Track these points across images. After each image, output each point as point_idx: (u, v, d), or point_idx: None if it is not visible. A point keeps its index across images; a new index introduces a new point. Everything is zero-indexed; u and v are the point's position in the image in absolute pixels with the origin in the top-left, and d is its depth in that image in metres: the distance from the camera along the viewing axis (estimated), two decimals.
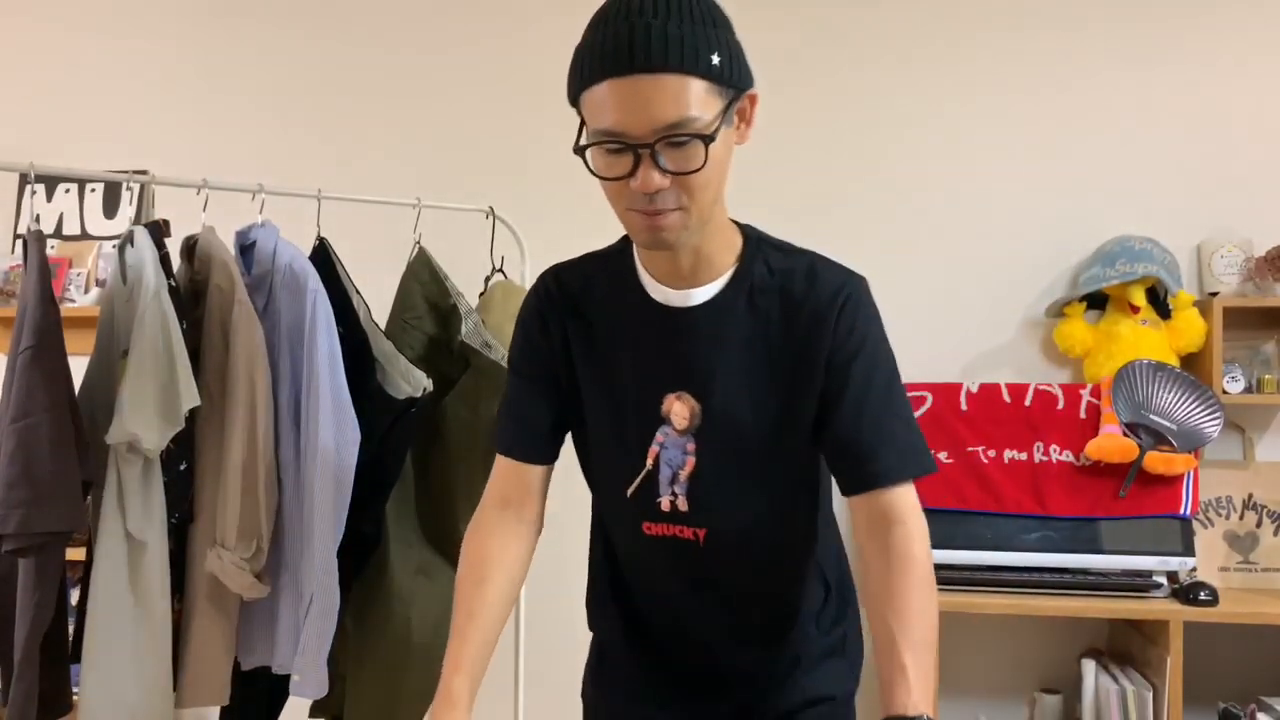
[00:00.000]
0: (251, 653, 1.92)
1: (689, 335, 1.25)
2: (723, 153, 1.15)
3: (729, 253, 1.26)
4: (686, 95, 1.09)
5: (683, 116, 1.09)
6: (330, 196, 2.16)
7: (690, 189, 1.13)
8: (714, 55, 1.11)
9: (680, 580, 1.33)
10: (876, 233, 2.62)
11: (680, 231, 1.16)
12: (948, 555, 2.33)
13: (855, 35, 2.68)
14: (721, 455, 1.25)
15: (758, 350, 1.24)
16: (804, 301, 1.23)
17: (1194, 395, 2.34)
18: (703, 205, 1.16)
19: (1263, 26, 2.54)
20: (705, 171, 1.12)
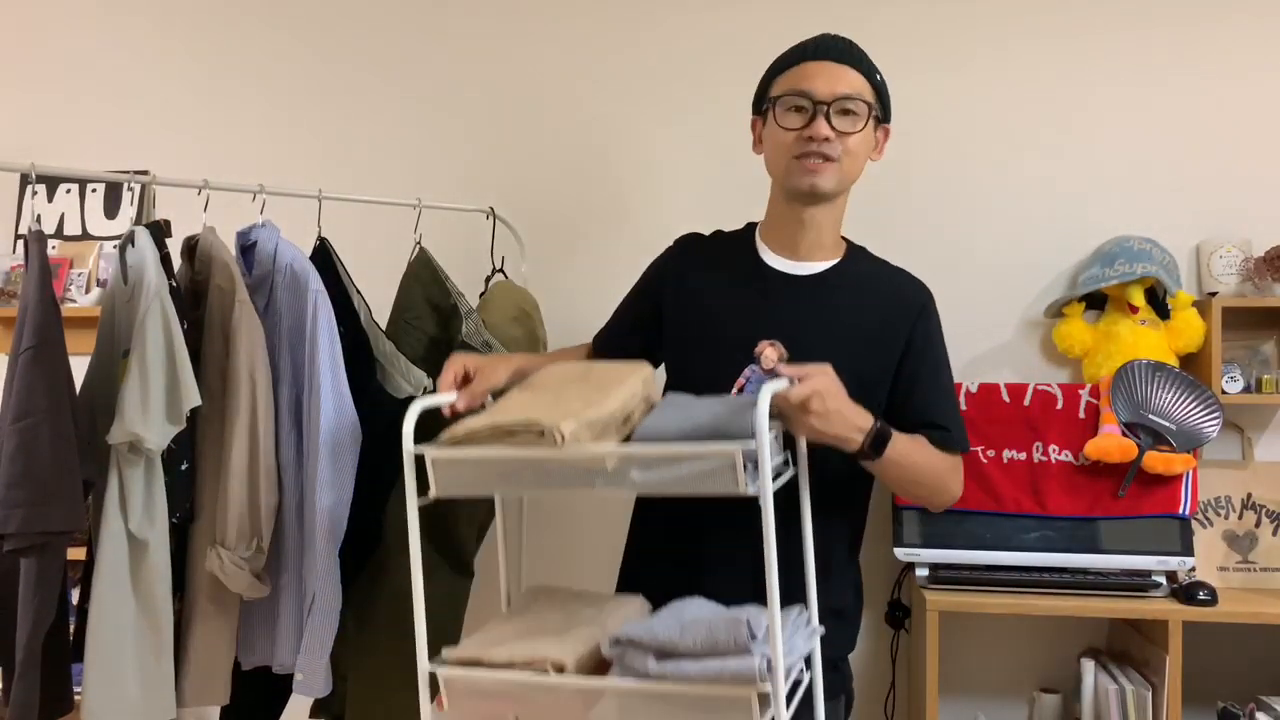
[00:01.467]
0: (252, 652, 1.93)
1: (792, 296, 1.61)
2: (868, 142, 1.62)
3: (838, 248, 1.68)
4: (859, 83, 1.60)
5: (855, 91, 1.59)
6: (330, 196, 2.17)
7: (847, 147, 1.58)
8: (877, 75, 1.65)
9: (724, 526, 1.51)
10: (876, 233, 2.61)
11: (830, 179, 1.58)
12: (948, 555, 2.34)
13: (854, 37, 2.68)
14: None
15: (847, 323, 1.58)
16: (892, 298, 1.63)
17: (1193, 395, 2.34)
18: (851, 168, 1.60)
19: (1262, 28, 2.54)
20: (858, 139, 1.58)
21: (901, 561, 2.44)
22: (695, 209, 2.48)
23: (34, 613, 1.62)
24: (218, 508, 1.82)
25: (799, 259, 1.65)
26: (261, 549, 1.83)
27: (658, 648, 1.27)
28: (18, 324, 1.66)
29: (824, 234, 1.65)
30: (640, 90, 2.49)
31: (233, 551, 1.80)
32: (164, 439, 1.71)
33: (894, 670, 2.57)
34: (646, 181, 2.68)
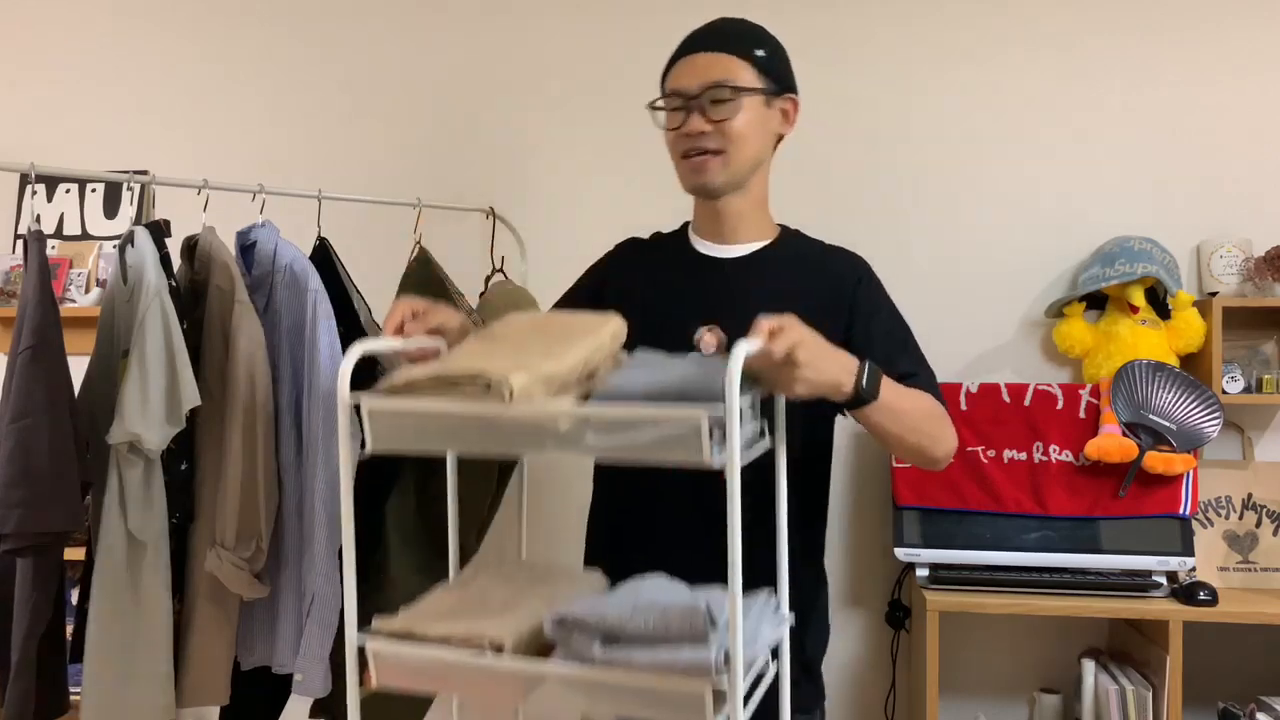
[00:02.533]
0: (251, 652, 1.93)
1: (725, 279, 1.57)
2: (759, 122, 1.54)
3: (768, 229, 1.63)
4: (729, 67, 1.52)
5: (723, 77, 1.51)
6: (330, 196, 2.17)
7: (727, 135, 1.52)
8: (759, 50, 1.54)
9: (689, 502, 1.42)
10: (876, 233, 2.62)
11: (717, 173, 1.53)
12: (948, 555, 2.34)
13: (855, 38, 2.68)
14: None
15: (783, 297, 1.48)
16: (827, 271, 1.58)
17: (1193, 395, 2.34)
18: (739, 155, 1.54)
19: (1262, 28, 2.54)
20: (739, 123, 1.51)
21: (901, 561, 2.43)
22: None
23: (30, 613, 1.61)
24: (217, 508, 1.82)
25: (729, 243, 1.61)
26: (261, 549, 1.83)
27: (605, 631, 1.12)
28: (17, 324, 1.66)
29: (746, 219, 1.60)
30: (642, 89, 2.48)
31: (232, 552, 1.80)
32: (163, 439, 1.71)
33: (894, 670, 2.57)
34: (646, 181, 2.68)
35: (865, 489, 2.62)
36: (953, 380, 2.51)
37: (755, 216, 1.61)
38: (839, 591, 2.62)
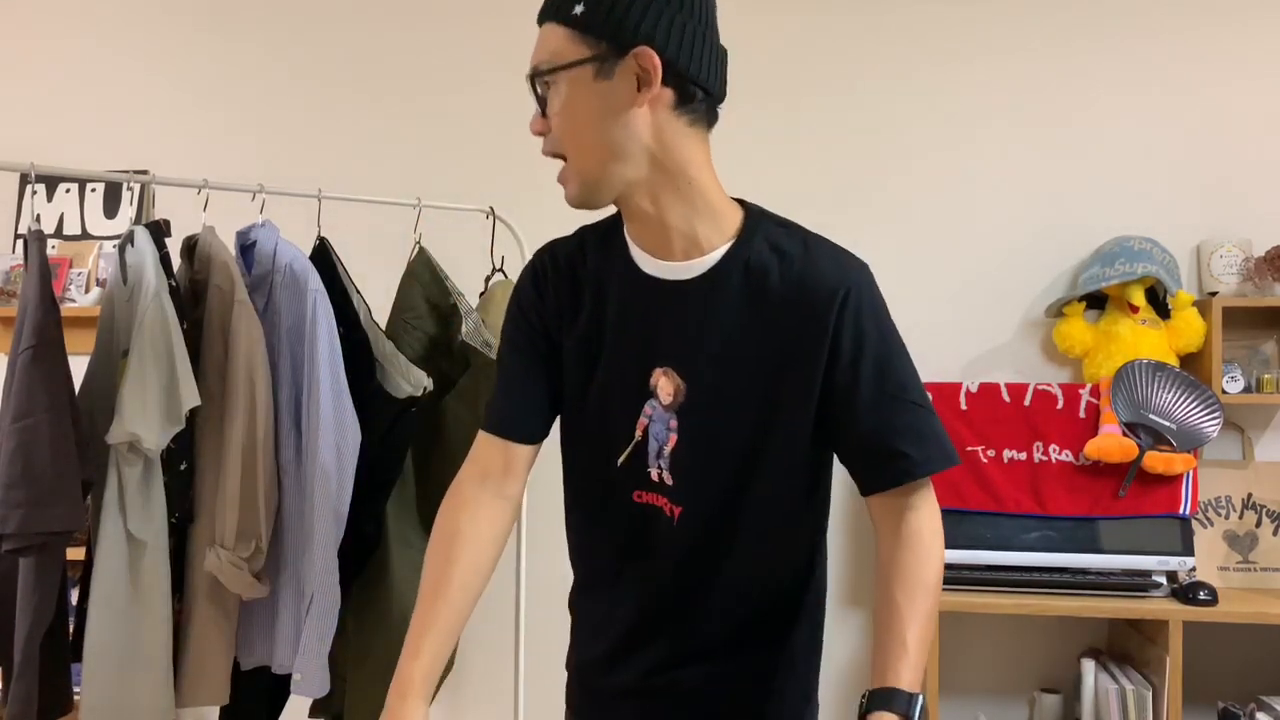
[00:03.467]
0: (251, 652, 1.93)
1: (678, 310, 1.22)
2: (588, 104, 1.15)
3: (719, 230, 1.21)
4: (548, 42, 1.16)
5: (546, 56, 1.16)
6: (330, 196, 2.17)
7: (557, 133, 1.18)
8: (577, 7, 1.14)
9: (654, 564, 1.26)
10: (876, 233, 2.62)
11: (572, 184, 1.20)
12: (948, 555, 2.32)
13: (855, 37, 2.68)
14: (701, 435, 1.21)
15: (750, 332, 1.20)
16: (803, 291, 1.19)
17: (1193, 395, 2.34)
18: (580, 155, 1.18)
19: (1262, 27, 2.54)
20: (565, 117, 1.16)
21: None
22: None
23: (33, 612, 1.61)
24: (217, 508, 1.82)
25: (674, 259, 1.21)
26: (261, 549, 1.83)
27: None
28: (17, 323, 1.66)
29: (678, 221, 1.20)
30: None
31: (232, 552, 1.80)
32: (163, 439, 1.71)
33: None
34: None
35: None
36: (953, 380, 2.52)
37: (693, 214, 1.20)
38: (839, 591, 2.62)
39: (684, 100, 1.16)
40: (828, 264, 1.21)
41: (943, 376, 2.55)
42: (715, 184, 1.22)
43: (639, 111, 1.14)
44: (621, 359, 1.24)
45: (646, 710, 1.30)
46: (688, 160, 1.18)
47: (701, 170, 1.20)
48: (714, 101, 1.20)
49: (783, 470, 1.23)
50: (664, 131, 1.16)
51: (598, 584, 1.33)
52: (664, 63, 1.13)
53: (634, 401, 1.23)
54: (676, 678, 1.28)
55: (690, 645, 1.28)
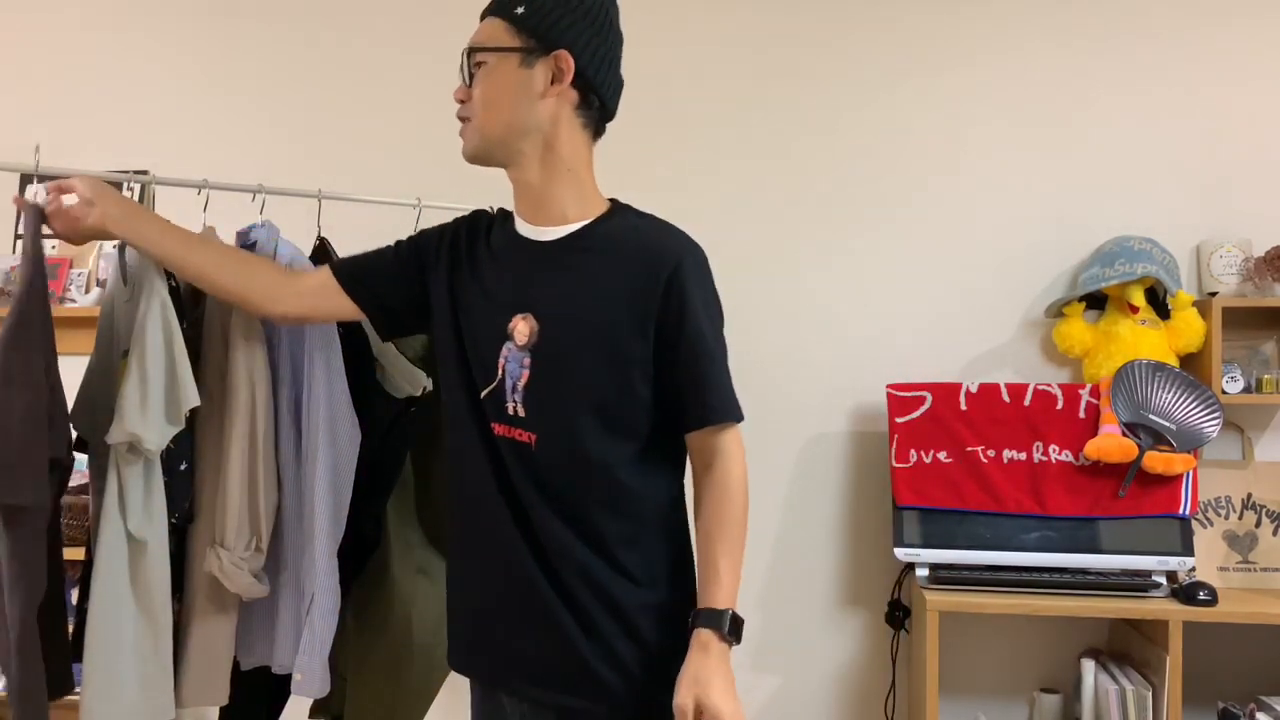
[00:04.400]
0: (251, 652, 1.92)
1: (540, 264, 1.48)
2: (509, 85, 1.45)
3: (586, 209, 1.49)
4: (488, 31, 1.49)
5: (480, 40, 1.49)
6: (330, 196, 2.17)
7: (476, 101, 1.48)
8: (519, 7, 1.46)
9: (518, 487, 1.45)
10: (876, 233, 2.63)
11: (468, 140, 1.52)
12: (947, 555, 2.34)
13: (855, 37, 2.69)
14: (551, 370, 1.43)
15: (600, 286, 1.44)
16: (646, 255, 1.44)
17: (1193, 395, 2.34)
18: (486, 122, 1.48)
19: (1262, 27, 2.54)
20: (482, 88, 1.47)
21: (901, 561, 2.44)
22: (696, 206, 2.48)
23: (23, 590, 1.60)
24: (217, 508, 1.82)
25: (543, 224, 1.50)
26: (261, 549, 1.83)
27: None
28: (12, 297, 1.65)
29: (552, 196, 1.48)
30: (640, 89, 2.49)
31: (232, 551, 1.79)
32: (163, 439, 1.71)
33: (894, 670, 2.57)
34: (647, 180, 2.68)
35: (865, 489, 2.62)
36: (952, 380, 2.52)
37: (565, 193, 1.48)
38: (840, 591, 2.62)
39: (584, 104, 1.48)
40: (670, 239, 1.47)
41: (942, 376, 2.55)
42: (591, 177, 1.52)
43: (547, 101, 1.45)
44: (491, 306, 1.49)
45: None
46: (573, 152, 1.49)
47: (583, 164, 1.50)
48: (605, 115, 1.52)
49: (623, 405, 1.44)
50: (560, 123, 1.47)
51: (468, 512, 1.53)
52: (576, 69, 1.44)
53: (497, 344, 1.47)
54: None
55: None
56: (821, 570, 2.64)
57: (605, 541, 1.45)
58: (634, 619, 1.45)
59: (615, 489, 1.45)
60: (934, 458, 2.39)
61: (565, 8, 1.45)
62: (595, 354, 1.43)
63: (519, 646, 1.48)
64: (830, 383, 2.64)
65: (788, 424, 2.65)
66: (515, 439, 1.45)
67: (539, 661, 1.46)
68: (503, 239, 1.54)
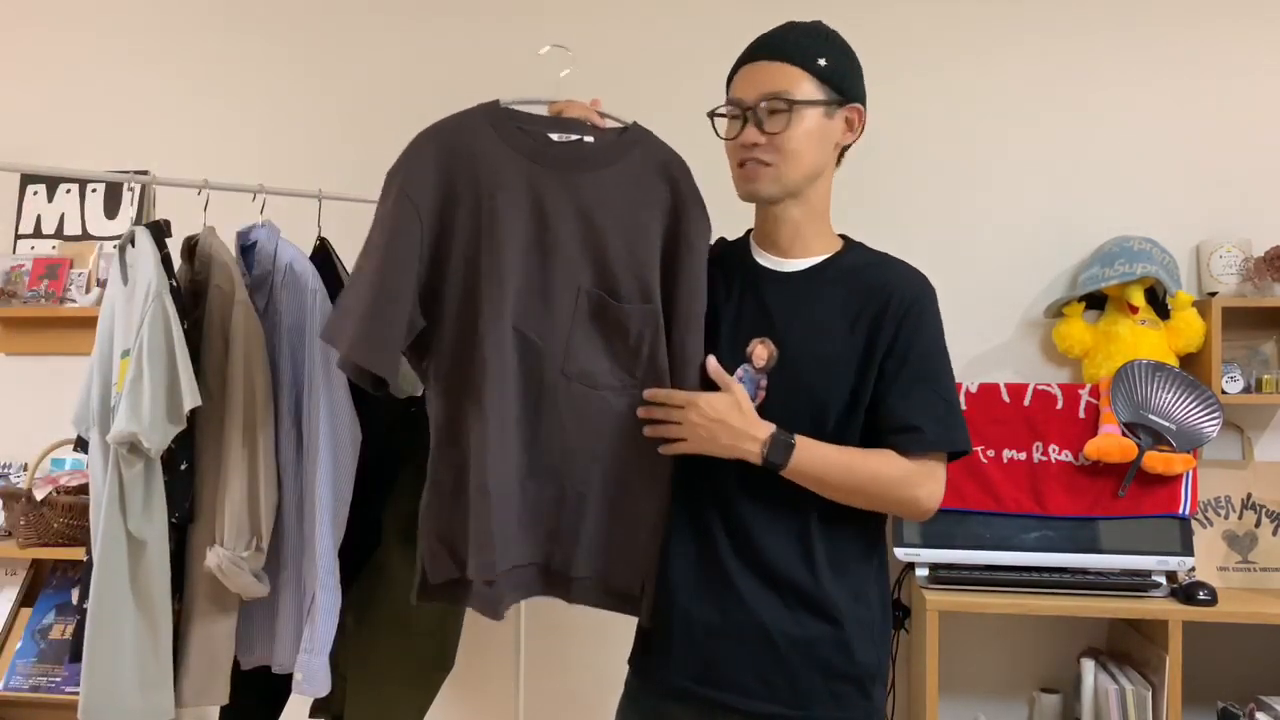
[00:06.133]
0: (251, 652, 1.93)
1: (780, 293, 1.56)
2: (817, 135, 1.53)
3: (827, 243, 1.59)
4: (792, 77, 1.51)
5: (783, 89, 1.51)
6: (330, 196, 2.17)
7: (780, 149, 1.51)
8: (821, 59, 1.53)
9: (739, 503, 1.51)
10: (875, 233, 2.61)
11: (768, 184, 1.53)
12: (947, 555, 2.34)
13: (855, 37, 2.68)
14: (786, 394, 1.51)
15: (837, 319, 1.52)
16: (878, 292, 1.52)
17: (1193, 395, 2.34)
18: (791, 168, 1.52)
19: (1262, 27, 2.54)
20: (794, 137, 1.51)
21: (901, 561, 2.44)
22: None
23: None
24: (217, 507, 1.82)
25: (786, 256, 1.59)
26: (261, 549, 1.83)
27: None
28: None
29: (804, 231, 1.57)
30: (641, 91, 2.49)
31: (232, 551, 1.80)
32: (164, 440, 1.71)
33: (894, 670, 2.56)
34: None
35: None
36: None
37: (814, 228, 1.58)
38: None
39: (845, 150, 1.60)
40: (905, 277, 1.57)
41: None
42: (828, 213, 1.62)
43: (837, 150, 1.58)
44: (728, 329, 1.56)
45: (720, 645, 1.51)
46: (829, 191, 1.60)
47: (828, 200, 1.61)
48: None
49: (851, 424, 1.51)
50: (830, 167, 1.59)
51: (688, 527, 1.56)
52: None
53: (732, 364, 1.53)
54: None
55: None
56: None
57: (818, 560, 1.49)
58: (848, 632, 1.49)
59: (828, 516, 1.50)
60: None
61: (852, 62, 1.58)
62: (828, 383, 1.50)
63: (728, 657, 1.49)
64: None
65: None
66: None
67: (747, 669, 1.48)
68: (737, 265, 1.61)
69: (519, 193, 1.54)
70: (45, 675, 2.64)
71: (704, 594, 1.51)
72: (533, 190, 1.54)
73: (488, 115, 1.62)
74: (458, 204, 1.54)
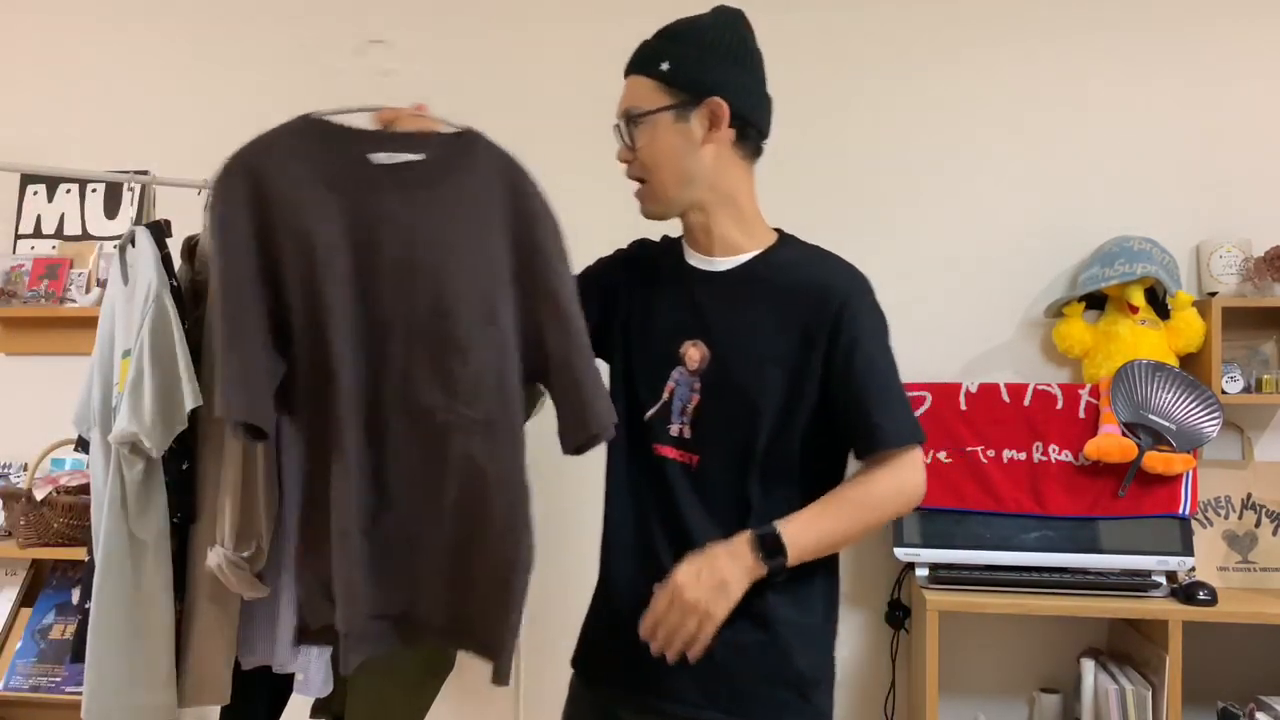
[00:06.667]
0: (252, 652, 1.92)
1: (711, 293, 1.52)
2: (673, 142, 1.48)
3: (754, 240, 1.54)
4: (637, 91, 1.50)
5: (629, 105, 1.50)
6: None
7: (644, 164, 1.50)
8: (664, 63, 1.48)
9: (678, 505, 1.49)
10: (876, 233, 2.63)
11: (650, 203, 1.53)
12: (947, 555, 2.34)
13: (854, 36, 2.69)
14: (721, 396, 1.48)
15: (770, 318, 1.48)
16: (816, 288, 1.47)
17: (1193, 395, 2.34)
18: (659, 181, 1.50)
19: (1262, 27, 2.54)
20: (647, 149, 1.49)
21: (901, 561, 2.44)
22: None
23: None
24: (218, 508, 1.82)
25: (713, 255, 1.54)
26: (262, 549, 1.83)
27: None
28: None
29: (724, 231, 1.52)
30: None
31: (233, 551, 1.80)
32: (165, 440, 1.71)
33: (894, 670, 2.57)
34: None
35: None
36: (952, 380, 2.52)
37: (739, 228, 1.53)
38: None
39: (741, 137, 1.51)
40: (840, 272, 1.50)
41: (942, 376, 2.55)
42: (753, 204, 1.56)
43: (707, 148, 1.49)
44: (661, 332, 1.53)
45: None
46: (735, 185, 1.53)
47: (744, 193, 1.54)
48: (761, 137, 1.54)
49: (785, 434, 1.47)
50: (722, 162, 1.50)
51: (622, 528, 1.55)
52: (730, 110, 1.47)
53: (666, 367, 1.51)
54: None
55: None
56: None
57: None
58: (786, 639, 1.46)
59: (763, 514, 1.44)
60: (934, 458, 2.40)
61: (708, 53, 1.48)
62: (761, 382, 1.46)
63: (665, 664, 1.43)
64: None
65: None
66: (678, 460, 1.50)
67: (684, 676, 1.44)
68: (671, 267, 1.58)
69: (337, 225, 1.41)
70: (45, 675, 2.64)
71: (644, 599, 1.43)
72: (353, 220, 1.42)
73: (300, 135, 1.48)
74: (277, 242, 1.43)
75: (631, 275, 1.62)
